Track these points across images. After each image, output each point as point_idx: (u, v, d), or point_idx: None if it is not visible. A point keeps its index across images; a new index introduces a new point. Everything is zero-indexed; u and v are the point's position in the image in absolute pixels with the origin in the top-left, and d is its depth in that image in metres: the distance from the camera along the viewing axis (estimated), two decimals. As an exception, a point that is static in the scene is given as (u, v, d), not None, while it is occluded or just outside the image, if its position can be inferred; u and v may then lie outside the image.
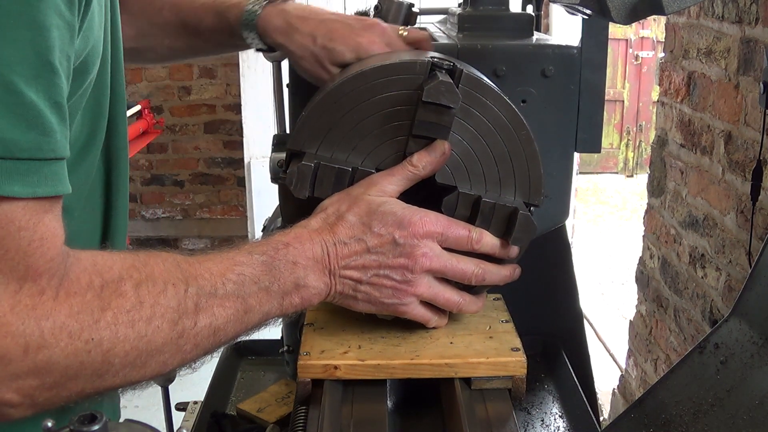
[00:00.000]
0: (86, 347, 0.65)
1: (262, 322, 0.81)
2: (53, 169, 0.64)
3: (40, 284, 0.63)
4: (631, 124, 8.19)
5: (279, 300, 0.80)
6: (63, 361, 0.64)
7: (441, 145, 0.87)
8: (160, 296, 0.70)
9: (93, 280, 0.67)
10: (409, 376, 0.89)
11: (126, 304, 0.68)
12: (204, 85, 5.22)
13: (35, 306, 0.63)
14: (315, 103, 0.89)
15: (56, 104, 0.64)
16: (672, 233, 2.42)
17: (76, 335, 0.64)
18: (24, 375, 0.63)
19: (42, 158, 0.63)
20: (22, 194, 0.61)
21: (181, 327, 0.72)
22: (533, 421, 1.12)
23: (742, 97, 1.92)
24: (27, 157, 0.61)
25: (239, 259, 0.79)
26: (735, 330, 1.01)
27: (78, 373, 0.66)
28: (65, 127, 0.66)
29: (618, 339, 3.61)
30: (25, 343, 0.62)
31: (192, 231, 5.47)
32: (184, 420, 1.44)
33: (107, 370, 0.68)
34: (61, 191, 0.65)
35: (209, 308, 0.74)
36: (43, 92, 0.62)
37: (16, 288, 0.62)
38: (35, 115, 0.62)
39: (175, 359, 0.73)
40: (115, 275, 0.69)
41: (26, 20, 0.61)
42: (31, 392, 0.64)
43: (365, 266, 0.84)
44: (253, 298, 0.78)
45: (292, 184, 0.88)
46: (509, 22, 1.16)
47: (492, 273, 0.90)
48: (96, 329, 0.66)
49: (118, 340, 0.67)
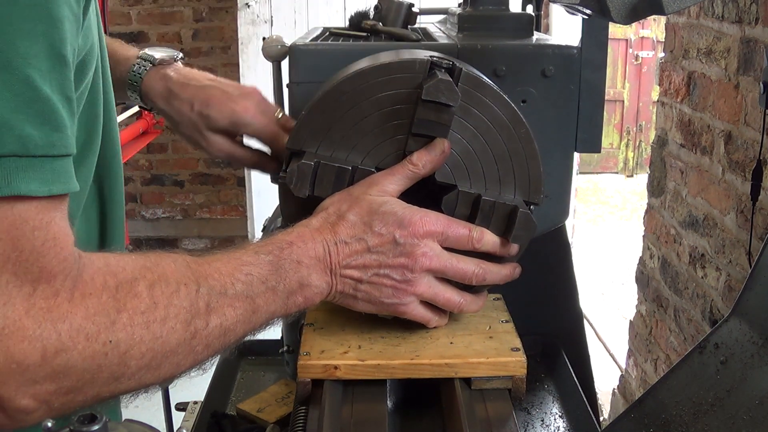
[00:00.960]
0: (104, 349, 0.64)
1: (267, 322, 0.81)
2: (64, 166, 0.63)
3: (55, 286, 0.62)
4: (631, 124, 8.19)
5: (284, 299, 0.80)
6: (81, 365, 0.63)
7: (440, 143, 0.87)
8: (174, 297, 0.70)
9: (108, 281, 0.66)
10: (409, 376, 0.89)
11: (141, 305, 0.67)
12: (204, 85, 5.22)
13: (51, 309, 0.62)
14: (314, 103, 0.89)
15: (67, 99, 0.63)
16: (672, 233, 2.42)
17: (93, 337, 0.63)
18: (41, 380, 0.62)
19: (55, 155, 0.61)
20: (39, 192, 0.60)
21: (194, 327, 0.71)
22: (533, 421, 1.12)
23: (742, 97, 1.92)
24: (41, 154, 0.60)
25: (247, 259, 0.78)
26: (735, 330, 1.01)
27: (95, 376, 0.65)
28: (74, 123, 0.65)
29: (618, 339, 3.61)
30: (43, 347, 0.61)
31: (192, 231, 5.47)
32: (184, 420, 1.44)
33: (123, 373, 0.67)
34: (73, 188, 0.64)
35: (220, 308, 0.74)
36: (56, 86, 0.61)
37: (30, 290, 0.61)
38: (50, 110, 0.61)
39: (187, 360, 0.72)
40: (129, 276, 0.68)
41: (41, 12, 0.60)
42: (47, 398, 0.63)
43: (366, 266, 0.84)
44: (260, 298, 0.78)
45: (293, 183, 0.88)
46: (509, 22, 1.16)
47: (492, 273, 0.90)
48: (113, 331, 0.65)
49: (135, 342, 0.66)
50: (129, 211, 5.09)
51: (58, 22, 0.61)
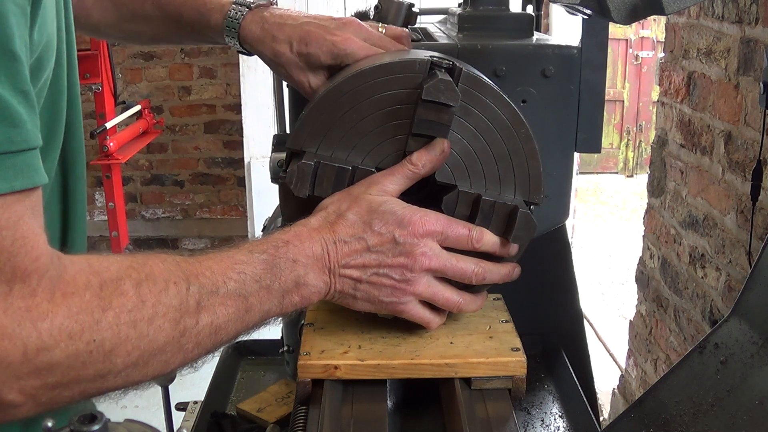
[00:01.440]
0: (88, 348, 0.64)
1: (262, 321, 0.81)
2: (27, 160, 0.62)
3: (31, 285, 0.62)
4: (631, 124, 8.19)
5: (279, 298, 0.80)
6: (64, 362, 0.64)
7: (440, 143, 0.87)
8: (162, 295, 0.70)
9: (91, 280, 0.66)
10: (409, 376, 0.89)
11: (128, 303, 0.67)
12: (204, 85, 5.22)
13: (29, 308, 0.62)
14: (314, 103, 0.89)
15: (23, 92, 0.62)
16: (672, 233, 2.42)
17: (76, 336, 0.64)
18: (25, 376, 0.62)
19: (14, 150, 0.61)
20: (1, 190, 0.60)
21: (183, 326, 0.71)
22: (533, 421, 1.12)
23: (742, 97, 1.92)
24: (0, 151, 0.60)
25: (240, 258, 0.78)
26: (735, 330, 1.01)
27: (80, 373, 0.65)
28: (35, 116, 0.64)
29: (618, 339, 3.61)
30: (23, 345, 0.61)
31: (192, 231, 5.47)
32: (184, 420, 1.44)
33: (110, 371, 0.67)
34: (39, 182, 0.64)
35: (211, 307, 0.73)
36: (7, 82, 0.60)
37: (5, 290, 0.61)
38: (3, 106, 0.60)
39: (176, 359, 0.72)
40: (114, 275, 0.68)
41: None
42: (33, 392, 0.64)
43: (365, 265, 0.84)
44: (254, 296, 0.77)
45: (293, 183, 0.88)
46: (509, 22, 1.16)
47: (492, 272, 0.90)
48: (97, 329, 0.65)
49: (121, 340, 0.66)
50: (129, 211, 5.09)
51: (2, 18, 0.60)
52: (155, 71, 5.19)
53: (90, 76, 3.82)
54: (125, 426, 0.67)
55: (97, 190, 5.31)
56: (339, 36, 0.99)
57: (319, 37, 0.99)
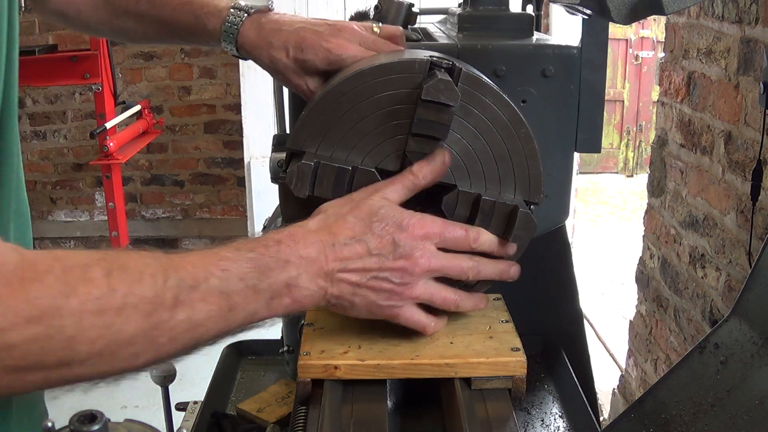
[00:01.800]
0: (48, 332, 0.63)
1: (248, 322, 0.78)
2: None
3: None
4: (631, 124, 8.19)
5: (267, 299, 0.77)
6: (23, 346, 0.62)
7: (441, 154, 0.87)
8: (135, 285, 0.68)
9: (53, 266, 0.64)
10: (409, 376, 0.89)
11: (94, 291, 0.65)
12: (204, 85, 5.22)
13: None
14: (314, 103, 0.89)
15: None
16: (672, 233, 2.42)
17: (35, 320, 0.62)
18: None
19: None
20: None
21: (157, 319, 0.69)
22: (533, 421, 1.12)
23: (742, 97, 1.92)
24: None
25: (225, 255, 0.76)
26: (735, 330, 1.01)
27: (41, 359, 0.64)
28: None
29: (618, 339, 3.61)
30: None
31: (192, 231, 5.47)
32: (184, 420, 1.44)
33: (73, 359, 0.65)
34: None
35: (189, 302, 0.71)
36: None
37: None
38: None
39: (148, 352, 0.70)
40: (81, 262, 0.66)
41: None
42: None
43: (366, 268, 0.83)
44: (238, 295, 0.75)
45: (292, 183, 0.88)
46: (509, 22, 1.16)
47: (488, 266, 0.89)
48: (59, 315, 0.63)
49: (84, 328, 0.64)
50: (129, 211, 5.09)
51: None
52: (155, 71, 5.19)
53: (90, 76, 3.82)
54: (125, 426, 0.68)
55: (97, 190, 5.31)
56: (333, 42, 1.00)
57: (314, 44, 1.00)
